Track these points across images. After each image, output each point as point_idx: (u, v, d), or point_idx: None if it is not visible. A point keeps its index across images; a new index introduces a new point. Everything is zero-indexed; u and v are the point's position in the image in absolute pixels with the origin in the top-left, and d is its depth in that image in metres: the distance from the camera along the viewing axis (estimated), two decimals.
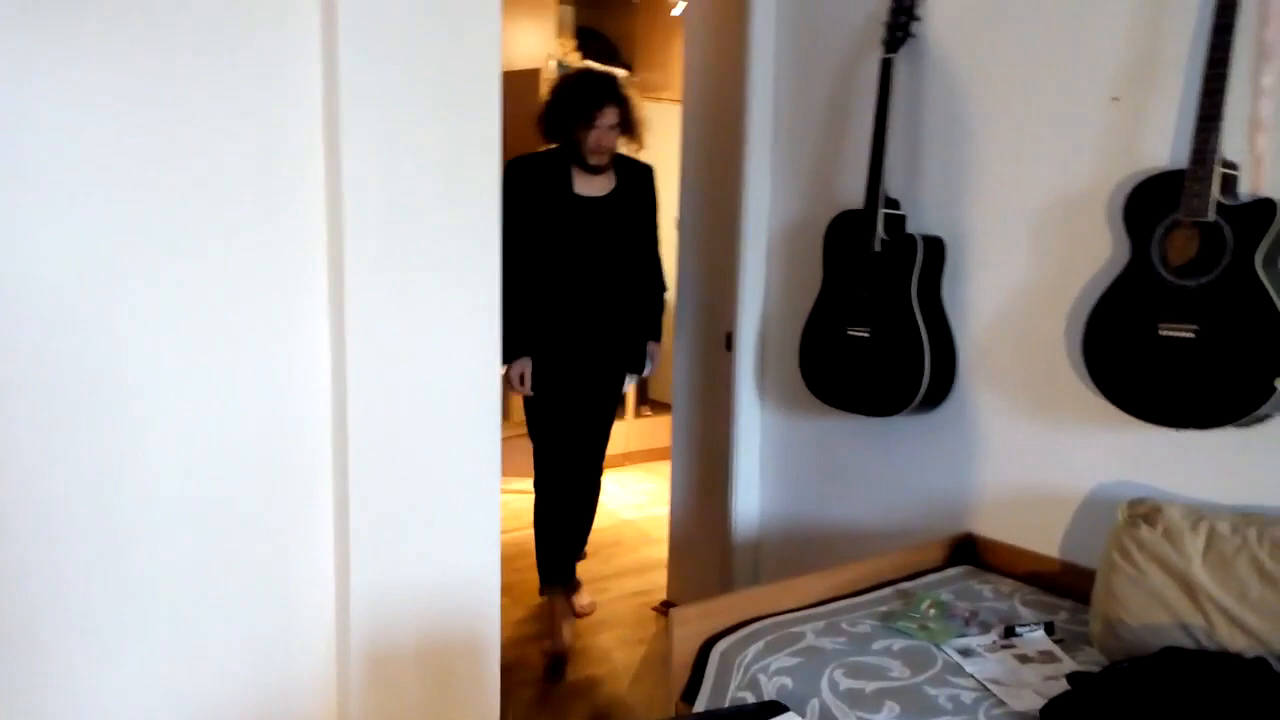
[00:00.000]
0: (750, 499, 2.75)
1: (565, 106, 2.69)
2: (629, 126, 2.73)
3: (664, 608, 3.11)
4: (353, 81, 1.63)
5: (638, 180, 2.83)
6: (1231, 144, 1.69)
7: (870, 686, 1.51)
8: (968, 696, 1.48)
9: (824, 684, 1.52)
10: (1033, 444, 2.04)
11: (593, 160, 2.68)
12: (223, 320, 1.61)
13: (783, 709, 1.31)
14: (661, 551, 3.42)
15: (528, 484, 2.97)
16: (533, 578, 3.05)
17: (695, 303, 3.05)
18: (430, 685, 1.86)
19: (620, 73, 2.79)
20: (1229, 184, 1.68)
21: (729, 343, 2.81)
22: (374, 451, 1.72)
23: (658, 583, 3.31)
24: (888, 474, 2.36)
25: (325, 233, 1.69)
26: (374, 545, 1.75)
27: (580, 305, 2.74)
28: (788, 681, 1.53)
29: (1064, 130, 1.96)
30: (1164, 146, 1.80)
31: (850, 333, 2.22)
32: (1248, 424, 1.66)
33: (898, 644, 1.66)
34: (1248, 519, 1.60)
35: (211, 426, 1.62)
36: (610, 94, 2.67)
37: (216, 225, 1.58)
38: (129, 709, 1.60)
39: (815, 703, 1.48)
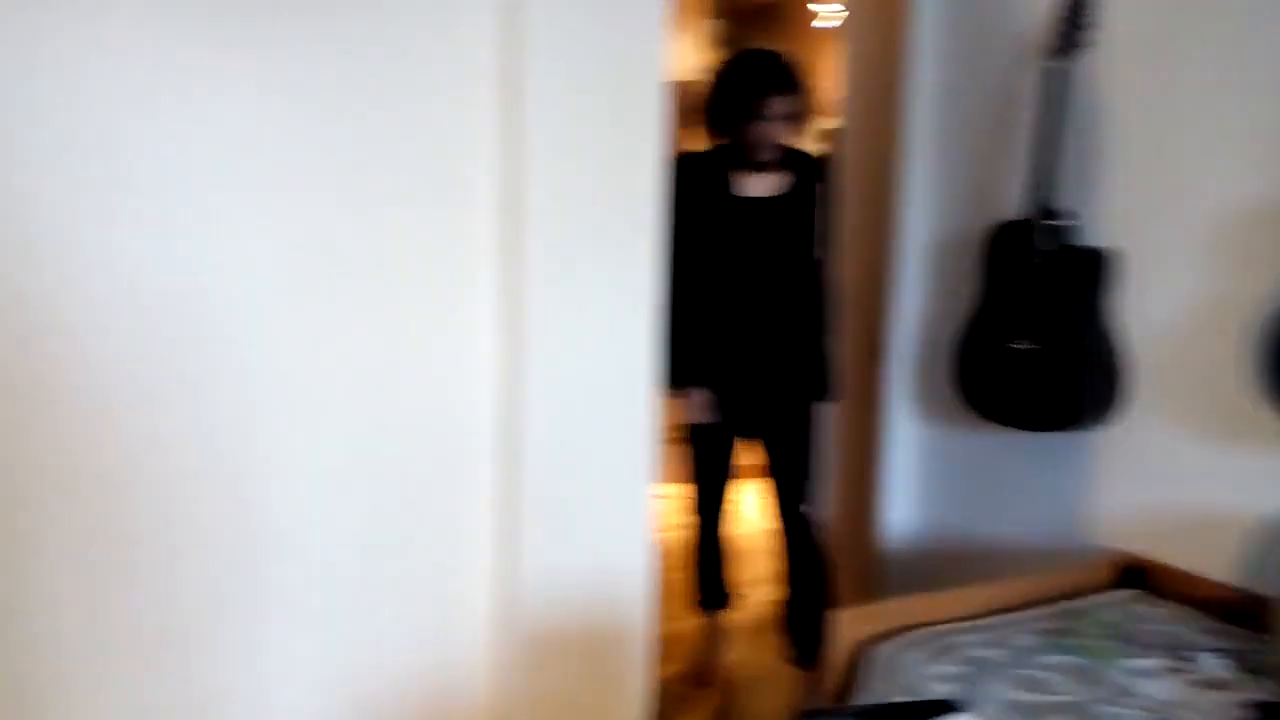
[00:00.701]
0: (898, 511, 2.73)
1: (725, 98, 2.43)
2: (799, 117, 2.40)
3: None
4: (536, 95, 1.73)
5: (814, 176, 2.52)
6: None
7: (1037, 700, 1.49)
8: (1139, 718, 1.45)
9: (989, 694, 1.51)
10: (1208, 466, 1.97)
11: (756, 157, 2.42)
12: (390, 311, 1.72)
13: (955, 708, 1.31)
14: None
15: (668, 489, 2.99)
16: (672, 579, 3.09)
17: (845, 312, 3.05)
18: (587, 669, 1.94)
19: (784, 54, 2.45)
20: None
21: (873, 351, 2.79)
22: (547, 443, 1.82)
23: None
24: (1047, 491, 2.31)
25: (492, 234, 1.77)
26: (543, 533, 1.84)
27: (751, 322, 2.54)
28: (951, 689, 1.53)
29: (1252, 139, 1.89)
30: None
31: (1012, 346, 2.18)
32: None
33: (1063, 661, 1.63)
34: None
35: (379, 418, 1.72)
36: (773, 81, 2.38)
37: (390, 219, 1.69)
38: (286, 690, 1.70)
39: (979, 713, 1.48)
